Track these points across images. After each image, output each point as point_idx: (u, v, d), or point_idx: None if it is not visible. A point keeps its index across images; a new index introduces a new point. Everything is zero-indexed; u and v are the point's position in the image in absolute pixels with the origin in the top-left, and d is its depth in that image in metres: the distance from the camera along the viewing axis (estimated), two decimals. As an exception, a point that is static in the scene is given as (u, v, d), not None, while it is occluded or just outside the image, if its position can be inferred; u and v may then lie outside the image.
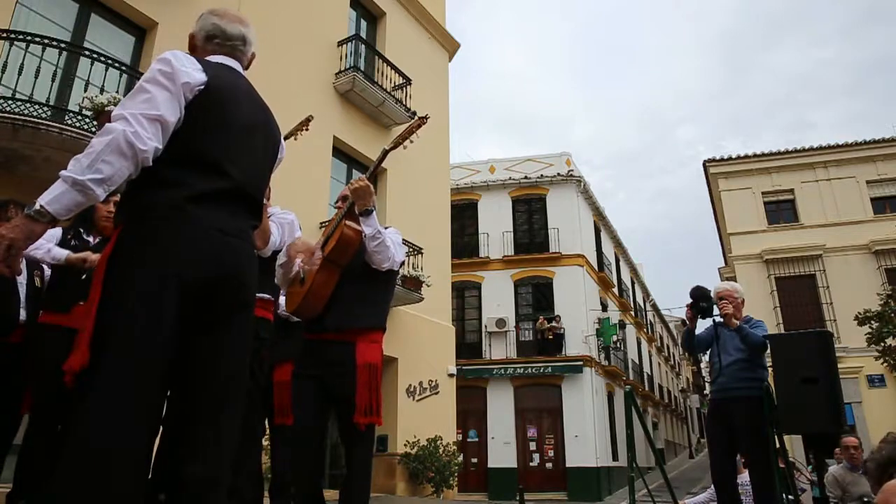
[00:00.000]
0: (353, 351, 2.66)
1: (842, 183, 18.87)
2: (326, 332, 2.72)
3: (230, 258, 1.69)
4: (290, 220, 3.41)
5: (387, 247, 2.75)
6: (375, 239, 2.72)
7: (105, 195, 1.53)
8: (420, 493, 10.81)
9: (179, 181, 1.64)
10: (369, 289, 2.82)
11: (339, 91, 11.04)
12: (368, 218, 2.75)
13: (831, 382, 3.75)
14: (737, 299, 4.10)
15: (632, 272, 28.64)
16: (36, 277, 3.44)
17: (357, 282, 2.78)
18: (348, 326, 2.70)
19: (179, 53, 1.72)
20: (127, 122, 1.56)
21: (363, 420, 2.60)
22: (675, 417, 35.25)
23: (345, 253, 2.75)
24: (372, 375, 2.65)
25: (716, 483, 4.10)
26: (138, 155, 1.54)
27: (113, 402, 1.44)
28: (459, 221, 19.71)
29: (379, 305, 2.87)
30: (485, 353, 19.38)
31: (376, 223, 2.75)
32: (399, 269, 2.94)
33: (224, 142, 1.73)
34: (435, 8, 14.54)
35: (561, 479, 17.98)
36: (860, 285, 16.90)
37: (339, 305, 2.73)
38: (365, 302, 2.79)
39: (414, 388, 11.59)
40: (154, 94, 1.62)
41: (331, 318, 2.73)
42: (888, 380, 16.26)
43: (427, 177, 13.16)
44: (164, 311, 1.54)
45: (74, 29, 7.41)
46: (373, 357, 2.69)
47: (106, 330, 1.50)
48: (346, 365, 2.64)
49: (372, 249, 2.73)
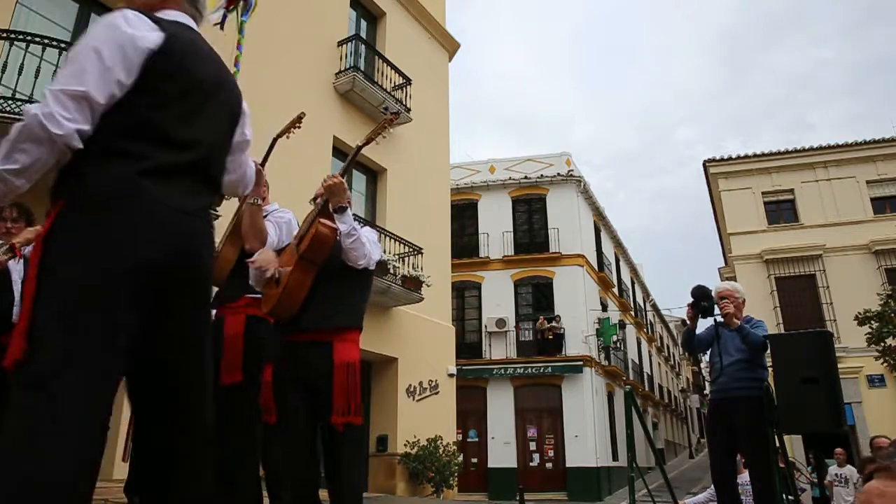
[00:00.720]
0: (331, 351, 2.62)
1: (842, 183, 18.86)
2: (303, 332, 2.67)
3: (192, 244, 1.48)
4: (287, 218, 3.38)
5: (363, 244, 2.69)
6: (351, 236, 2.67)
7: (29, 185, 1.36)
8: (420, 493, 10.81)
9: (131, 153, 1.41)
10: (346, 288, 2.77)
11: (338, 91, 11.04)
12: (343, 215, 2.70)
13: (831, 382, 3.75)
14: (738, 299, 4.10)
15: (632, 272, 28.64)
16: None
17: (333, 281, 2.73)
18: (325, 326, 2.65)
19: (129, 12, 1.49)
20: (44, 102, 1.36)
21: (340, 420, 2.56)
22: (675, 417, 35.24)
23: (320, 251, 2.70)
24: (349, 375, 2.62)
25: (716, 483, 4.10)
26: (55, 140, 1.34)
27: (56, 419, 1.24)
28: (459, 221, 19.70)
29: (356, 305, 2.82)
30: (485, 353, 19.38)
31: (351, 220, 2.71)
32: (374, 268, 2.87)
33: (182, 109, 1.51)
34: (435, 8, 14.54)
35: (561, 479, 17.98)
36: (860, 285, 16.90)
37: (316, 305, 2.68)
38: (342, 301, 2.74)
39: (414, 388, 11.58)
40: (85, 65, 1.39)
41: (307, 318, 2.67)
42: (888, 380, 16.26)
43: (427, 177, 13.16)
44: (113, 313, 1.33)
45: (74, 29, 7.41)
46: (350, 356, 2.66)
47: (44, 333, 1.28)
48: (323, 365, 2.60)
49: (348, 247, 2.68)
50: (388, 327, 11.18)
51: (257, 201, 3.06)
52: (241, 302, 3.10)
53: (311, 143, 10.24)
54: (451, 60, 15.15)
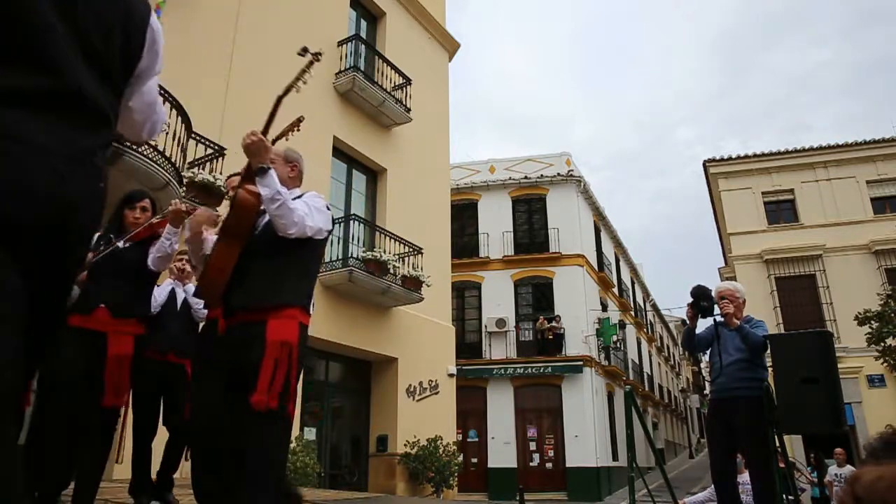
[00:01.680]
0: (264, 328, 2.29)
1: (842, 183, 18.86)
2: (234, 313, 2.38)
3: (60, 192, 1.11)
4: None
5: (290, 209, 2.36)
6: (274, 201, 2.35)
7: None
8: (420, 493, 10.81)
9: None
10: (285, 261, 2.45)
11: (339, 91, 11.04)
12: (265, 177, 2.38)
13: (831, 382, 3.75)
14: (738, 299, 4.10)
15: (632, 272, 28.64)
16: None
17: (268, 254, 2.44)
18: (258, 304, 2.34)
19: None
20: None
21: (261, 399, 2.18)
22: (675, 417, 35.24)
23: (242, 220, 2.42)
24: (283, 354, 2.27)
25: (716, 483, 4.10)
26: None
27: None
28: (459, 221, 19.70)
29: (296, 279, 2.46)
30: (485, 353, 19.37)
31: (275, 183, 2.38)
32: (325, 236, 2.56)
33: (42, 18, 1.11)
34: (435, 8, 14.54)
35: (561, 479, 17.97)
36: (860, 285, 16.90)
37: (248, 282, 2.39)
38: (280, 276, 2.42)
39: (414, 388, 11.58)
40: None
41: (238, 296, 2.39)
42: (888, 380, 16.26)
43: (427, 177, 13.16)
44: None
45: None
46: (288, 335, 2.31)
47: None
48: (254, 344, 2.27)
49: (272, 213, 2.37)
50: (388, 327, 11.17)
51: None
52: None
53: (311, 143, 10.23)
54: (451, 60, 15.16)
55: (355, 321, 10.41)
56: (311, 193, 2.64)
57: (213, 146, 8.00)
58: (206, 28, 8.77)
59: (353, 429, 11.39)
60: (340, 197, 11.21)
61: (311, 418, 10.25)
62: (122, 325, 3.13)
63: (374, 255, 10.13)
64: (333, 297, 9.98)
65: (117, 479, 5.92)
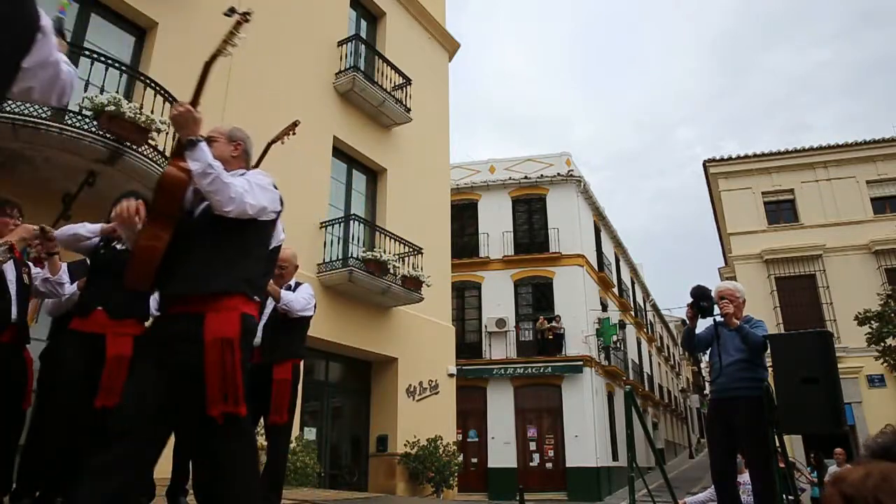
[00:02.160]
0: (201, 323, 2.09)
1: (842, 183, 18.86)
2: (170, 303, 2.19)
3: None
4: None
5: (225, 184, 2.15)
6: (206, 175, 2.13)
7: None
8: (420, 493, 10.81)
9: None
10: (225, 245, 2.23)
11: (339, 91, 11.04)
12: (194, 150, 2.16)
13: (831, 382, 3.75)
14: (738, 299, 4.10)
15: (632, 272, 28.64)
16: (24, 275, 3.42)
17: (206, 237, 2.23)
18: (195, 293, 2.14)
19: None
20: None
21: (218, 410, 2.05)
22: (675, 417, 35.23)
23: (170, 198, 2.19)
24: (226, 353, 2.08)
25: (716, 483, 4.09)
26: None
27: None
28: (459, 221, 19.70)
29: (237, 264, 2.23)
30: (485, 353, 19.37)
31: (206, 156, 2.16)
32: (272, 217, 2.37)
33: None
34: (435, 8, 14.54)
35: (561, 479, 17.97)
36: (860, 285, 16.90)
37: (183, 268, 2.18)
38: (218, 261, 2.20)
39: (414, 388, 11.58)
40: None
41: (172, 284, 2.18)
42: (888, 380, 16.26)
43: (427, 177, 13.16)
44: None
45: (74, 29, 7.41)
46: (228, 330, 2.11)
47: None
48: (189, 342, 2.08)
49: (205, 189, 2.15)
50: (388, 327, 11.17)
51: None
52: None
53: (311, 143, 10.24)
54: (451, 60, 15.16)
55: (355, 321, 10.41)
56: (256, 171, 2.46)
57: (213, 146, 7.99)
58: (206, 28, 8.75)
59: (353, 429, 11.39)
60: (340, 197, 11.21)
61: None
62: (120, 326, 3.13)
63: (374, 255, 10.13)
64: (333, 297, 9.98)
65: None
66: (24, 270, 3.44)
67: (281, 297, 3.75)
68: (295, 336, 3.86)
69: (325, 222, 10.24)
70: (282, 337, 3.78)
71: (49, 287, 3.49)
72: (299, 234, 9.31)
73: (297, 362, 3.80)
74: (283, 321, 3.79)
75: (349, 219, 10.49)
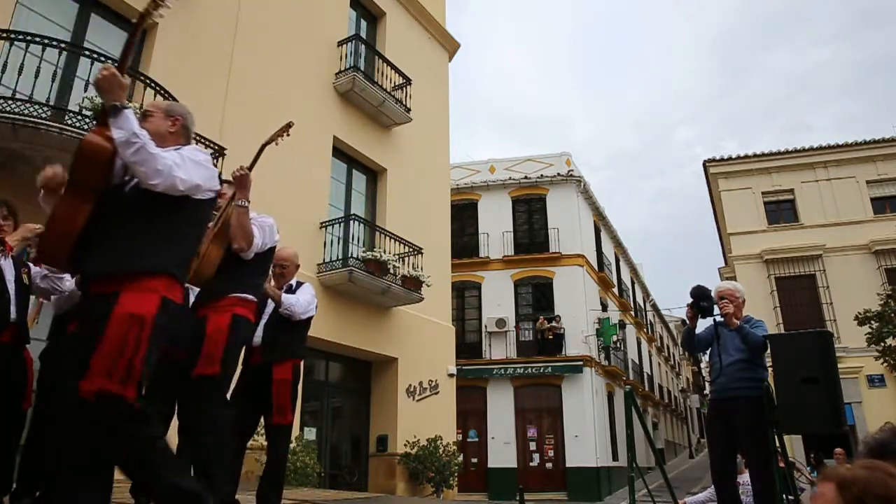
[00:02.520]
0: (114, 301, 1.93)
1: (842, 183, 18.87)
2: (88, 282, 2.02)
3: None
4: (269, 223, 3.37)
5: (151, 155, 2.00)
6: (130, 144, 1.97)
7: None
8: (420, 493, 10.81)
9: None
10: (152, 222, 2.09)
11: (339, 91, 11.03)
12: (118, 117, 2.00)
13: (831, 382, 3.75)
14: (738, 299, 4.10)
15: (632, 272, 28.64)
16: (24, 275, 3.42)
17: (132, 213, 2.08)
18: (115, 271, 1.98)
19: None
20: None
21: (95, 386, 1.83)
22: (675, 417, 35.23)
23: (91, 168, 2.03)
24: (132, 329, 1.90)
25: (716, 483, 4.09)
26: None
27: None
28: (459, 221, 19.70)
29: (163, 243, 2.09)
30: (485, 353, 19.37)
31: (131, 124, 2.00)
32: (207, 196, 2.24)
33: None
34: (435, 8, 14.54)
35: (561, 479, 17.97)
36: (860, 285, 16.90)
37: (103, 245, 2.03)
38: (142, 239, 2.05)
39: (414, 388, 11.58)
40: None
41: (90, 261, 2.02)
42: (888, 380, 16.26)
43: (427, 177, 13.16)
44: None
45: (74, 29, 7.41)
46: (141, 307, 1.94)
47: None
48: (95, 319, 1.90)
49: (128, 160, 2.00)
50: (388, 327, 11.17)
51: (244, 203, 3.11)
52: (227, 301, 3.10)
53: (311, 143, 10.24)
54: (451, 60, 15.16)
55: (355, 321, 10.41)
56: (192, 147, 2.33)
57: (214, 146, 8.00)
58: (206, 28, 8.77)
59: (353, 429, 11.39)
60: (340, 197, 11.21)
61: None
62: None
63: (374, 255, 10.13)
64: (333, 297, 9.98)
65: (117, 479, 5.91)
66: (24, 270, 3.44)
67: (282, 302, 3.74)
68: (295, 336, 3.86)
69: (325, 222, 10.24)
70: (282, 336, 3.77)
71: (49, 283, 3.49)
72: (299, 234, 9.31)
73: (297, 362, 3.80)
74: (284, 321, 3.78)
75: (349, 219, 10.49)
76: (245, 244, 3.10)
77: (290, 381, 3.70)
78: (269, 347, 3.73)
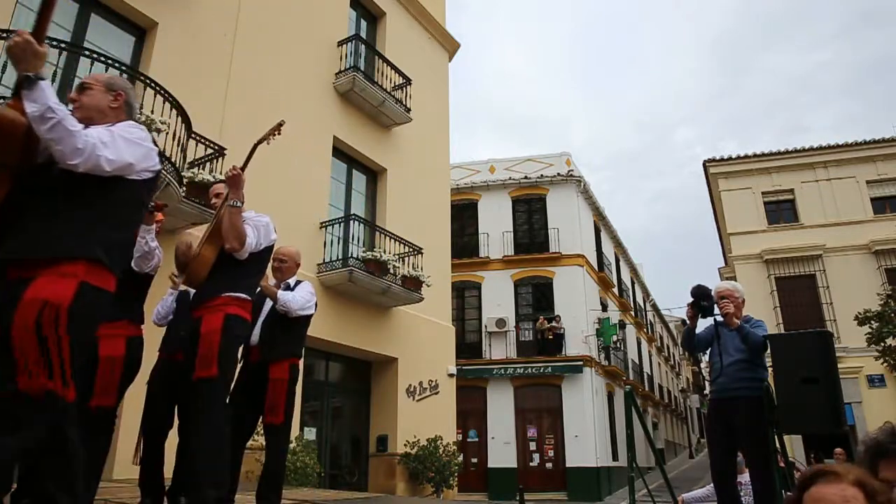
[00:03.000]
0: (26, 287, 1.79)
1: (842, 183, 18.87)
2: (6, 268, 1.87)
3: None
4: (265, 222, 3.33)
5: (69, 131, 1.84)
6: (45, 120, 1.80)
7: None
8: (420, 493, 10.80)
9: None
10: (76, 201, 1.93)
11: (339, 91, 11.03)
12: (32, 90, 1.81)
13: (831, 382, 3.75)
14: (737, 299, 4.09)
15: (632, 272, 28.64)
16: None
17: (54, 193, 1.92)
18: (32, 255, 1.84)
19: None
20: None
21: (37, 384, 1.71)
22: (675, 417, 35.24)
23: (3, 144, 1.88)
24: (48, 316, 1.76)
25: (716, 483, 4.09)
26: None
27: None
28: (459, 221, 19.71)
29: (87, 226, 1.93)
30: (485, 353, 19.37)
31: (46, 97, 1.81)
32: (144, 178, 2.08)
33: None
34: (435, 8, 14.54)
35: (561, 479, 17.97)
36: (860, 285, 16.90)
37: (19, 226, 1.89)
38: (63, 220, 1.90)
39: (414, 388, 11.58)
40: None
41: (6, 246, 1.88)
42: (888, 380, 16.26)
43: (427, 177, 13.16)
44: None
45: (74, 29, 7.41)
46: (56, 293, 1.79)
47: None
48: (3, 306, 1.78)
49: (44, 136, 1.83)
50: (388, 327, 11.17)
51: (236, 203, 3.11)
52: (219, 300, 3.09)
53: (311, 142, 10.24)
54: (451, 60, 15.16)
55: (355, 321, 10.41)
56: (126, 123, 2.13)
57: (213, 146, 8.00)
58: (206, 28, 8.77)
59: (353, 429, 11.39)
60: (340, 197, 11.21)
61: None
62: (111, 328, 3.13)
63: (374, 255, 10.13)
64: (333, 297, 9.98)
65: (117, 479, 5.92)
66: None
67: (278, 298, 3.74)
68: (294, 335, 3.85)
69: (325, 222, 10.24)
70: (279, 335, 3.77)
71: None
72: (299, 234, 9.31)
73: (294, 362, 3.79)
74: (282, 319, 3.78)
75: (349, 219, 10.49)
76: (237, 244, 3.09)
77: (287, 381, 3.69)
78: (267, 346, 3.73)
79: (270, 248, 3.45)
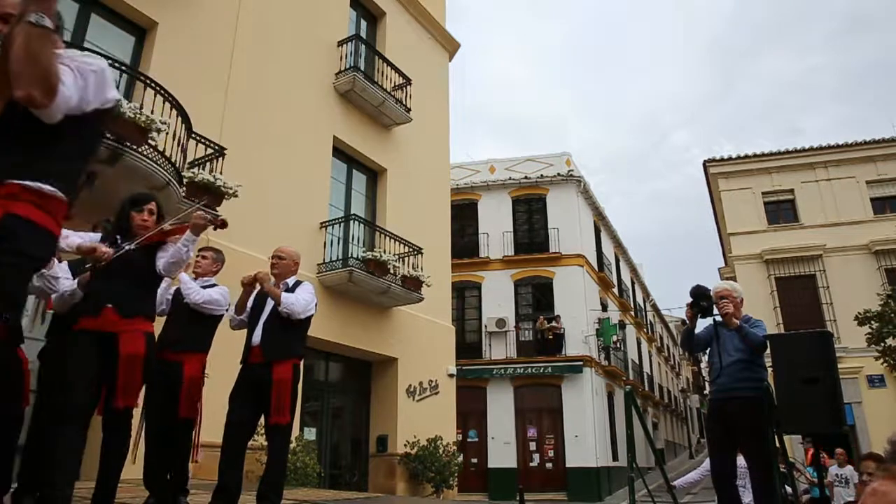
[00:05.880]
0: None
1: (842, 183, 18.87)
2: None
3: None
4: (98, 67, 2.03)
5: None
6: None
7: None
8: (420, 493, 10.80)
9: None
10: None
11: (339, 91, 11.03)
12: None
13: (831, 382, 3.75)
14: (736, 299, 4.10)
15: (632, 272, 28.65)
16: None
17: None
18: None
19: None
20: None
21: None
22: (675, 417, 35.24)
23: None
24: None
25: (715, 482, 4.10)
26: None
27: None
28: (459, 221, 19.70)
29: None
30: (485, 353, 19.37)
31: None
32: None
33: None
34: (435, 8, 14.54)
35: (561, 479, 17.97)
36: (860, 285, 16.90)
37: None
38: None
39: (414, 388, 11.58)
40: None
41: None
42: (888, 380, 16.26)
43: (427, 177, 13.16)
44: None
45: (74, 29, 7.41)
46: None
47: None
48: None
49: None
50: (388, 327, 11.17)
51: (41, 20, 1.72)
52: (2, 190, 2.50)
53: (312, 143, 10.24)
54: (451, 61, 15.16)
55: (355, 321, 10.41)
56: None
57: (213, 146, 8.00)
58: (206, 28, 8.77)
59: (353, 429, 11.39)
60: (340, 197, 11.21)
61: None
62: (131, 324, 3.10)
63: (374, 255, 10.13)
64: (333, 297, 9.98)
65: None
66: None
67: (282, 301, 3.72)
68: (295, 335, 3.85)
69: (325, 222, 10.23)
70: (281, 336, 3.76)
71: (43, 282, 3.47)
72: (299, 234, 9.32)
73: (296, 362, 3.79)
74: (283, 320, 3.77)
75: (349, 219, 10.49)
76: (40, 91, 1.72)
77: (290, 381, 3.69)
78: (269, 347, 3.72)
79: (104, 115, 2.10)
